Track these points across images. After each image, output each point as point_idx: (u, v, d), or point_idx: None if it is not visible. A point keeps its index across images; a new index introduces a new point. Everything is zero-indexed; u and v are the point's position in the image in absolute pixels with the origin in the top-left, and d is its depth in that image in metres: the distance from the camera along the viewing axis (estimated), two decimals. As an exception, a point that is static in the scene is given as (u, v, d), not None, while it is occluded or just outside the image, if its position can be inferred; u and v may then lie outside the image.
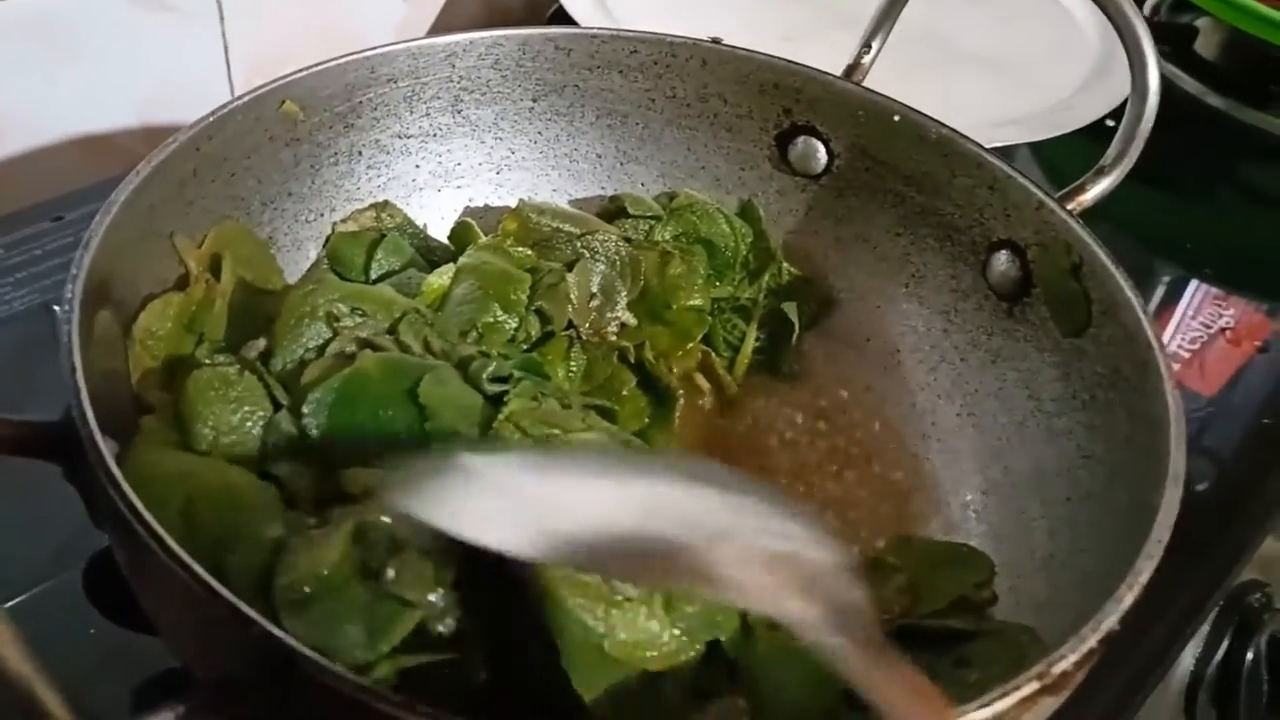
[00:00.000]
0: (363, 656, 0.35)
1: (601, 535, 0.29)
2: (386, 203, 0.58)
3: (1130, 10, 0.52)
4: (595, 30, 0.59)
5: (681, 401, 0.55)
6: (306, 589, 0.37)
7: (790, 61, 0.58)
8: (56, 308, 0.61)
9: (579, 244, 0.56)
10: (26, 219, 0.66)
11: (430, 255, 0.58)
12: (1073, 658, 0.35)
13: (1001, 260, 0.54)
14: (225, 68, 0.77)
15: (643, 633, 0.39)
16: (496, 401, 0.46)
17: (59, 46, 0.69)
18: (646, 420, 0.54)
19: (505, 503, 0.31)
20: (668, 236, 0.59)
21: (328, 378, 0.45)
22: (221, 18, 0.75)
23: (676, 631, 0.39)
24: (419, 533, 0.37)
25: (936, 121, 0.55)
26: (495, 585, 0.38)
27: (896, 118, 0.56)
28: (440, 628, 0.37)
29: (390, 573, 0.37)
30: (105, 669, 0.47)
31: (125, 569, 0.38)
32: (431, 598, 0.37)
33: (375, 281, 0.55)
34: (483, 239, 0.57)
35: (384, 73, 0.55)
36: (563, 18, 0.79)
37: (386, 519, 0.39)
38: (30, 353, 0.59)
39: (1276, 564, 0.71)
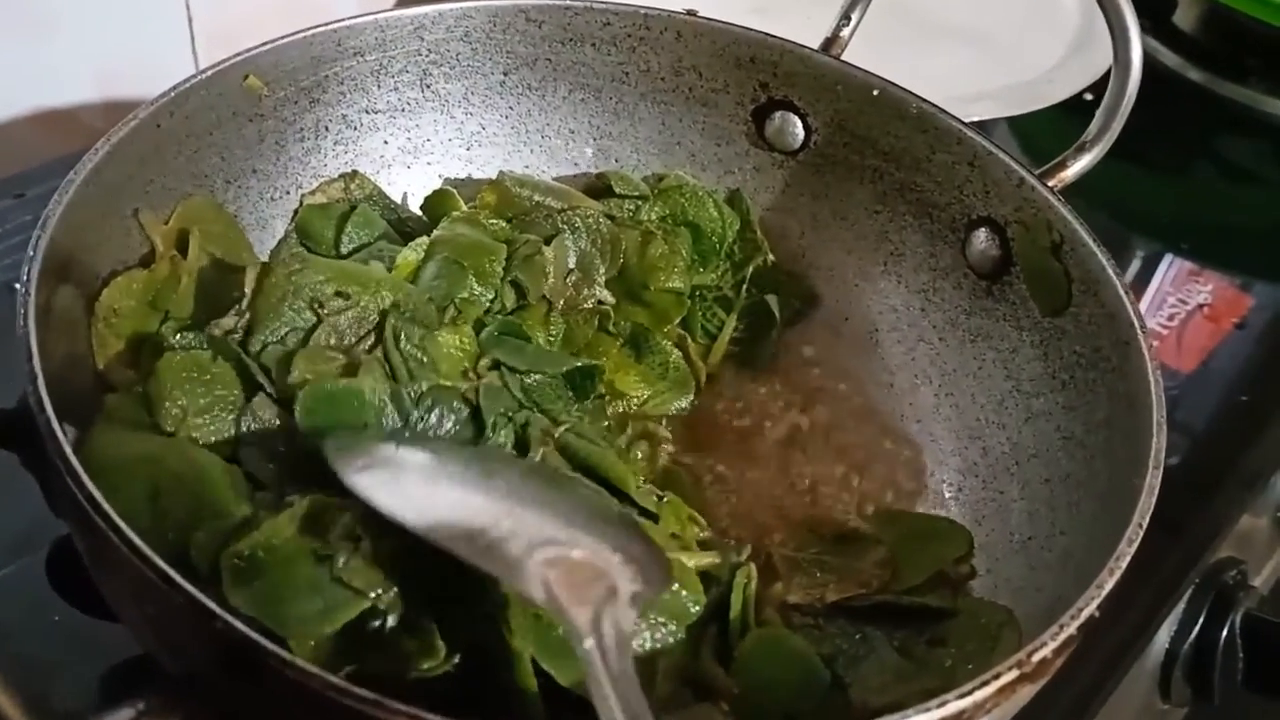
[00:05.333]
0: (303, 633, 0.35)
1: (459, 526, 0.36)
2: (355, 173, 0.57)
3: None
4: (568, 2, 0.58)
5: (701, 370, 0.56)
6: (254, 557, 0.37)
7: (767, 34, 0.57)
8: (19, 286, 0.60)
9: (559, 218, 0.55)
10: (-14, 196, 0.65)
11: (402, 227, 0.57)
12: (1052, 645, 0.34)
13: (981, 238, 0.53)
14: (189, 39, 0.76)
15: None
16: None
17: (18, 20, 0.67)
18: (660, 388, 0.54)
19: (404, 489, 0.39)
20: (654, 217, 0.58)
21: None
22: (186, -12, 0.73)
23: (654, 622, 0.38)
24: (374, 527, 0.37)
25: (916, 96, 0.55)
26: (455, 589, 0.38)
27: (876, 92, 0.55)
28: (388, 620, 0.36)
29: (341, 560, 0.37)
30: (70, 656, 0.46)
31: (86, 559, 0.37)
32: (378, 592, 0.36)
33: (347, 255, 0.54)
34: (459, 209, 0.56)
35: (350, 46, 0.54)
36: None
37: (346, 502, 0.39)
38: (-10, 333, 0.57)
39: (1252, 541, 0.71)
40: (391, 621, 0.36)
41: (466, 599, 0.38)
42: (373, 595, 0.36)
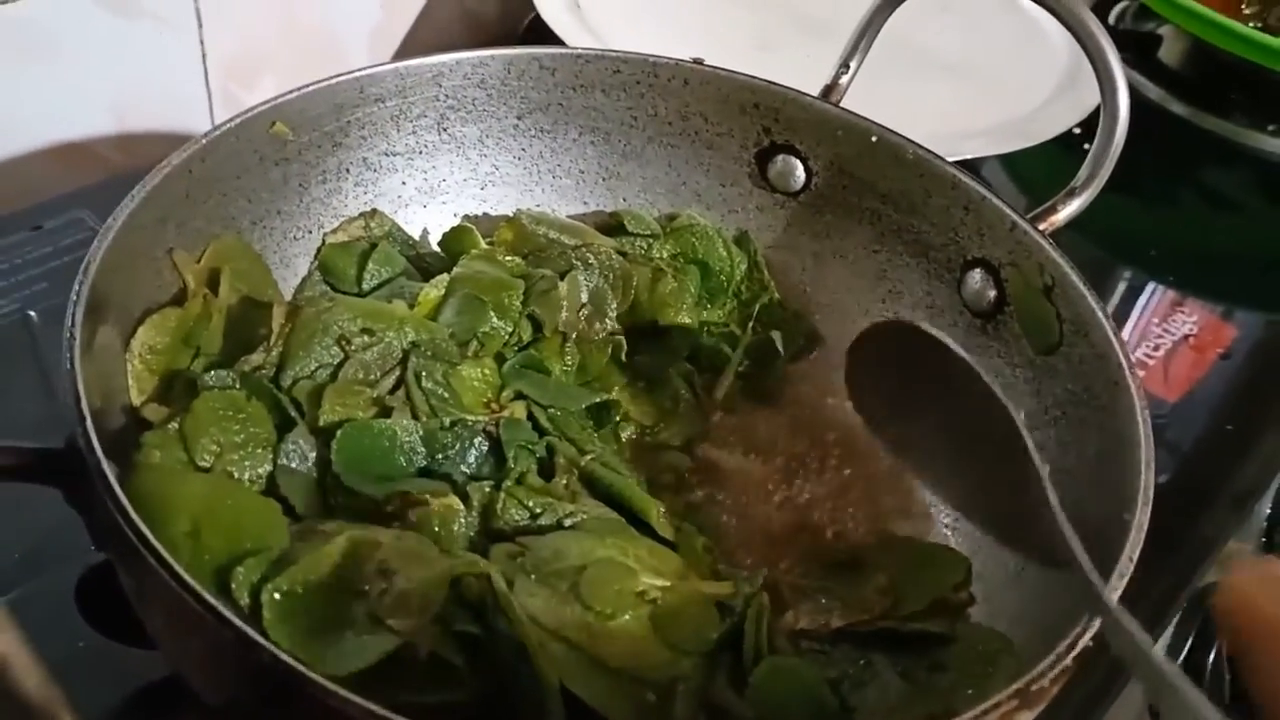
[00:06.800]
0: (336, 670, 0.36)
1: None
2: (375, 211, 0.59)
3: (1102, 38, 0.54)
4: (579, 50, 0.60)
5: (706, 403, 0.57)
6: (293, 593, 0.38)
7: (770, 82, 0.59)
8: (31, 313, 0.61)
9: (573, 255, 0.57)
10: (4, 228, 0.67)
11: (421, 263, 0.59)
12: (1050, 675, 0.36)
13: (976, 278, 0.56)
14: (203, 74, 0.77)
15: (634, 651, 0.40)
16: None
17: (35, 53, 0.69)
18: (671, 421, 0.56)
19: None
20: (665, 255, 0.60)
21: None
22: (200, 24, 0.75)
23: (674, 654, 0.40)
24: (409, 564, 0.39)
25: (913, 142, 0.57)
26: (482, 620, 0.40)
27: (874, 138, 0.57)
28: (419, 655, 0.38)
29: (376, 594, 0.39)
30: (95, 680, 0.47)
31: (131, 595, 0.39)
32: (412, 628, 0.38)
33: (369, 292, 0.56)
34: (477, 247, 0.58)
35: (372, 93, 0.56)
36: (539, 26, 0.80)
37: (382, 540, 0.41)
38: (8, 362, 0.59)
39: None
40: (422, 656, 0.38)
41: (494, 630, 0.40)
42: (406, 632, 0.38)
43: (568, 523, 0.45)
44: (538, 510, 0.45)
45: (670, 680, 0.40)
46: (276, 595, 0.38)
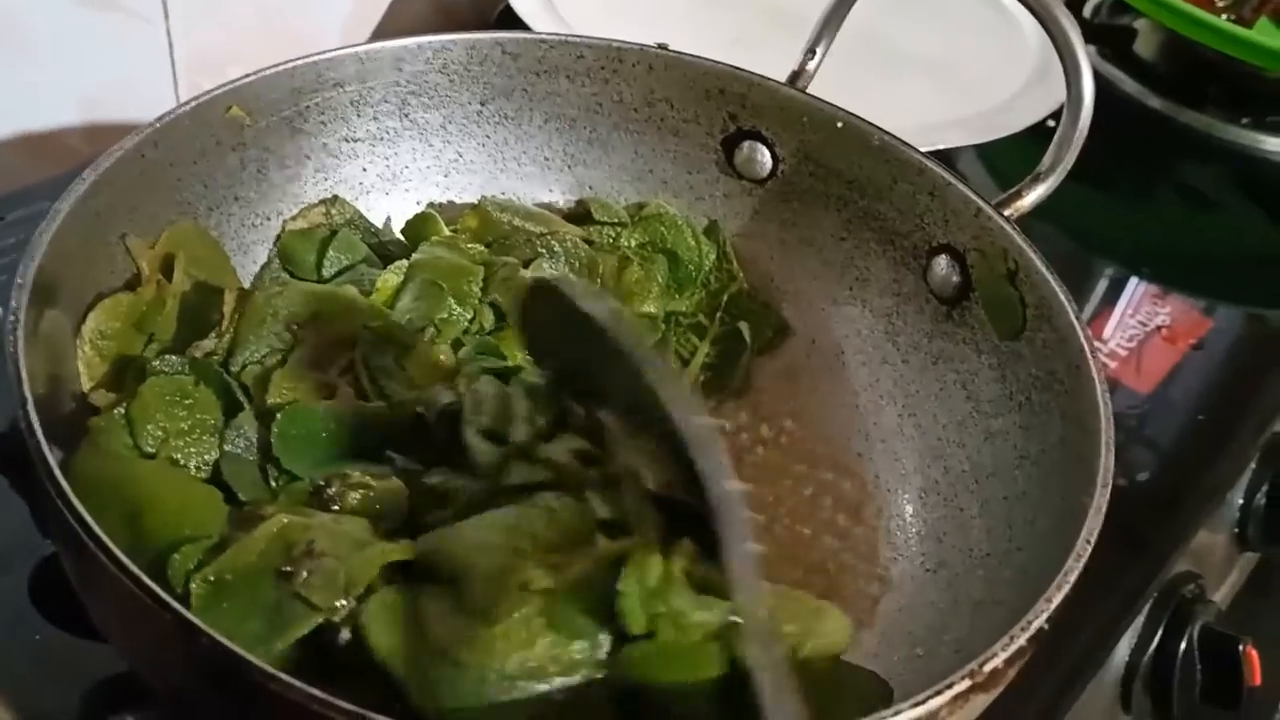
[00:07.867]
0: (257, 651, 0.35)
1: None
2: (336, 198, 0.59)
3: (1066, 21, 0.53)
4: (543, 35, 0.59)
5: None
6: (221, 580, 0.38)
7: (736, 68, 0.59)
8: (8, 314, 0.61)
9: (539, 243, 0.57)
10: (-35, 219, 0.66)
11: (383, 250, 0.58)
12: (1003, 655, 0.36)
13: (942, 265, 0.55)
14: (170, 66, 0.77)
15: (534, 656, 0.38)
16: None
17: (2, 44, 0.68)
18: None
19: None
20: (633, 244, 0.60)
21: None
22: (166, 16, 0.74)
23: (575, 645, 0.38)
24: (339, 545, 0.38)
25: (879, 128, 0.56)
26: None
27: (840, 124, 0.57)
28: (341, 634, 0.37)
29: (302, 575, 0.38)
30: (51, 674, 0.46)
31: (75, 581, 0.38)
32: (336, 604, 0.38)
33: (329, 279, 0.55)
34: (441, 233, 0.57)
35: (331, 77, 0.56)
36: (510, 15, 0.79)
37: (313, 524, 0.40)
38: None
39: (1209, 556, 0.73)
40: (346, 636, 0.37)
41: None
42: (334, 605, 0.37)
43: (502, 500, 0.43)
44: (471, 495, 0.44)
45: (569, 683, 0.37)
46: (206, 584, 0.38)
